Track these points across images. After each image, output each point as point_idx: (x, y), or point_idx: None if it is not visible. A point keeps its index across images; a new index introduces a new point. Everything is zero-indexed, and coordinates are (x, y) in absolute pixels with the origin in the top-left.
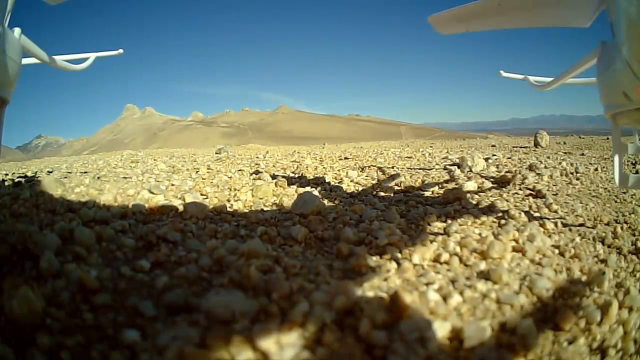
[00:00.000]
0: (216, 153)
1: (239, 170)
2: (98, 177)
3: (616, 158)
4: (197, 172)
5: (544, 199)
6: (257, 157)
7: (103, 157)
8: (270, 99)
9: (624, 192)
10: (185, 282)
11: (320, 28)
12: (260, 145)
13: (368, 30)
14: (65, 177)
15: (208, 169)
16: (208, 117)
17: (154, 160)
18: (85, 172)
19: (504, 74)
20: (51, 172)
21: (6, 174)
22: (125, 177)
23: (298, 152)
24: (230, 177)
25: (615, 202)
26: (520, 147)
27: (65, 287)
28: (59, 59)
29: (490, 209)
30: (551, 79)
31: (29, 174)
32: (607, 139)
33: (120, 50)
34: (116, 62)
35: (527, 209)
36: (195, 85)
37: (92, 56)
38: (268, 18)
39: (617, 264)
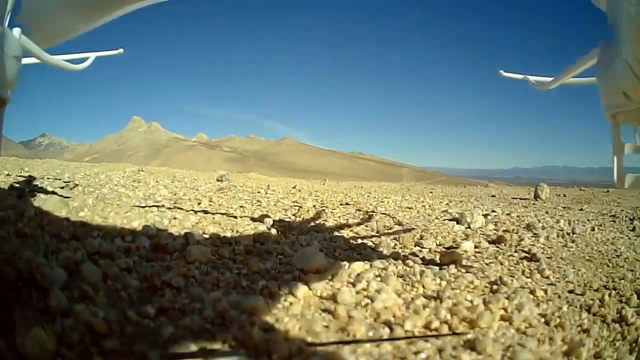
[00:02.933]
0: (217, 180)
1: (241, 206)
2: (101, 200)
3: (615, 158)
4: (199, 203)
5: (537, 263)
6: (259, 192)
7: (105, 171)
8: (274, 128)
9: (617, 256)
10: (189, 333)
11: (330, 65)
12: (261, 176)
13: (374, 70)
14: (69, 197)
15: (210, 201)
16: (212, 140)
17: (156, 182)
18: (87, 188)
19: (504, 74)
20: (53, 181)
21: (8, 175)
22: (127, 203)
23: (299, 190)
24: (232, 217)
25: (607, 266)
26: (520, 199)
27: (74, 327)
28: (59, 58)
29: (484, 273)
30: (551, 78)
31: (31, 177)
32: (608, 191)
33: (120, 50)
34: (127, 74)
35: (520, 273)
36: (202, 107)
37: (92, 56)
38: (281, 49)
39: (599, 334)
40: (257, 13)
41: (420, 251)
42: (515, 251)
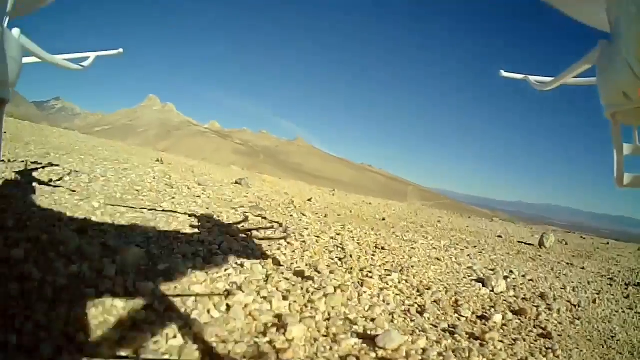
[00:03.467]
0: (236, 182)
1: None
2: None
3: (615, 157)
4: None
5: (551, 341)
6: (291, 215)
7: (132, 166)
8: (287, 127)
9: (611, 337)
10: None
11: (353, 73)
12: (275, 178)
13: (396, 83)
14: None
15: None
16: (224, 130)
17: (188, 188)
18: (128, 196)
19: (504, 74)
20: (64, 179)
21: (11, 160)
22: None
23: (325, 216)
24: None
25: (602, 347)
26: (526, 244)
27: None
28: (59, 58)
29: (513, 351)
30: (551, 79)
31: (40, 166)
32: (607, 243)
33: (120, 50)
34: (147, 52)
35: (538, 352)
36: (218, 93)
37: (92, 55)
38: (308, 51)
39: None
40: (287, 9)
41: (459, 319)
42: (534, 326)
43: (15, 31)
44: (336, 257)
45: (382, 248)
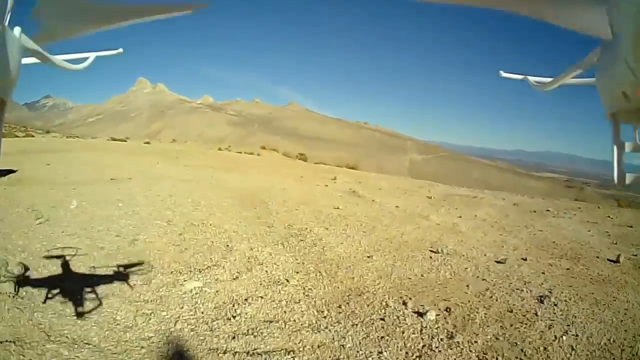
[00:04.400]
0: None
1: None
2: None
3: (615, 158)
4: None
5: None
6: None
7: (137, 191)
8: (281, 93)
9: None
10: None
11: (341, 31)
12: (273, 152)
13: (384, 41)
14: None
15: None
16: (218, 103)
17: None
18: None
19: (504, 74)
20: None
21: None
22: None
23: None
24: None
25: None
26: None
27: None
28: (59, 58)
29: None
30: (551, 79)
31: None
32: (598, 207)
33: (120, 50)
34: (133, 35)
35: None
36: (209, 68)
37: (92, 56)
38: (290, 13)
39: None
40: None
41: None
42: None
43: (16, 30)
44: None
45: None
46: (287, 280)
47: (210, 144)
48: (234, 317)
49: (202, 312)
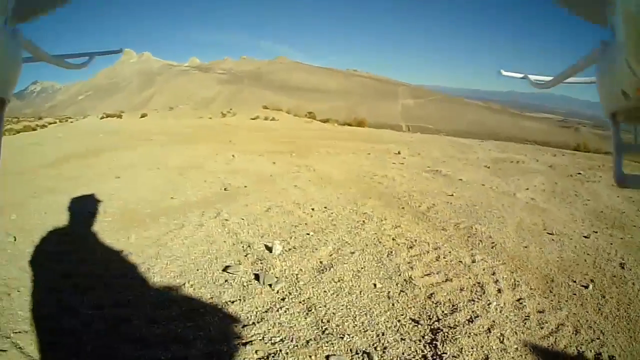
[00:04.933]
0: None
1: None
2: None
3: (615, 157)
4: None
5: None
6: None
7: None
8: (269, 48)
9: None
10: None
11: None
12: (281, 113)
13: None
14: None
15: None
16: (205, 63)
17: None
18: None
19: (504, 73)
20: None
21: None
22: None
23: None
24: None
25: None
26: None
27: None
28: (59, 58)
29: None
30: (551, 78)
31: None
32: (579, 174)
33: (120, 49)
34: (114, 5)
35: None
36: (193, 31)
37: (92, 55)
38: None
39: None
40: None
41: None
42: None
43: (16, 30)
44: None
45: None
46: None
47: (213, 110)
48: None
49: None
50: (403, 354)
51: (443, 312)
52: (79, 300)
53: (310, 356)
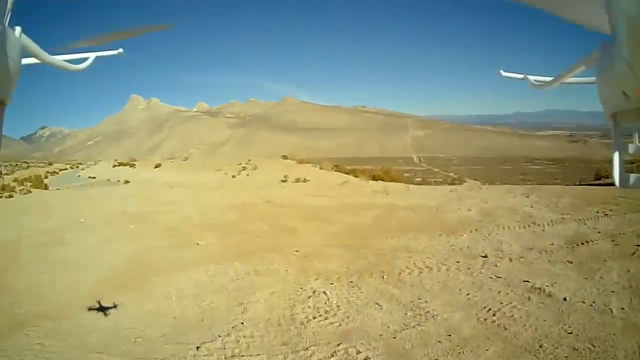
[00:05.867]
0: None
1: None
2: None
3: (616, 158)
4: None
5: None
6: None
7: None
8: (275, 89)
9: None
10: None
11: (327, 19)
12: (308, 166)
13: (378, 20)
14: None
15: None
16: (214, 108)
17: None
18: None
19: (504, 74)
20: None
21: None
22: None
23: None
24: None
25: None
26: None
27: None
28: (59, 58)
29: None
30: (551, 78)
31: None
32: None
33: (120, 50)
34: (121, 55)
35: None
36: (201, 75)
37: (92, 56)
38: (273, 9)
39: None
40: None
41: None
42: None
43: (16, 30)
44: None
45: None
46: None
47: (229, 160)
48: None
49: None
50: None
51: None
52: None
53: None
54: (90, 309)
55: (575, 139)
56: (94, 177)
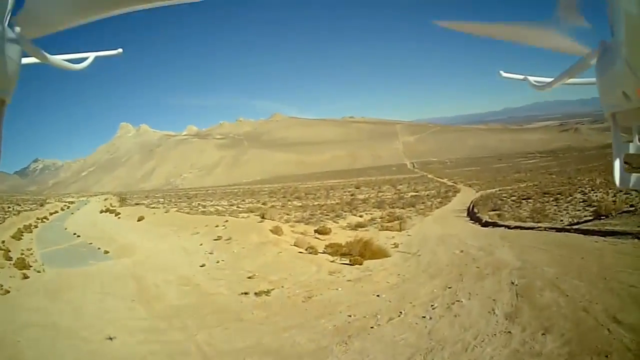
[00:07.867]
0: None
1: None
2: None
3: (616, 158)
4: None
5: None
6: None
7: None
8: (263, 106)
9: None
10: None
11: (308, 33)
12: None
13: (357, 31)
14: None
15: None
16: (203, 130)
17: None
18: None
19: (504, 74)
20: None
21: None
22: None
23: None
24: None
25: None
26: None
27: None
28: (58, 58)
29: None
30: (551, 79)
31: None
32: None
33: (120, 50)
34: (108, 80)
35: None
36: (188, 98)
37: (92, 56)
38: (255, 26)
39: None
40: None
41: None
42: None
43: (16, 30)
44: None
45: None
46: None
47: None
48: None
49: None
50: None
51: None
52: None
53: None
54: None
55: (566, 127)
56: (79, 236)
